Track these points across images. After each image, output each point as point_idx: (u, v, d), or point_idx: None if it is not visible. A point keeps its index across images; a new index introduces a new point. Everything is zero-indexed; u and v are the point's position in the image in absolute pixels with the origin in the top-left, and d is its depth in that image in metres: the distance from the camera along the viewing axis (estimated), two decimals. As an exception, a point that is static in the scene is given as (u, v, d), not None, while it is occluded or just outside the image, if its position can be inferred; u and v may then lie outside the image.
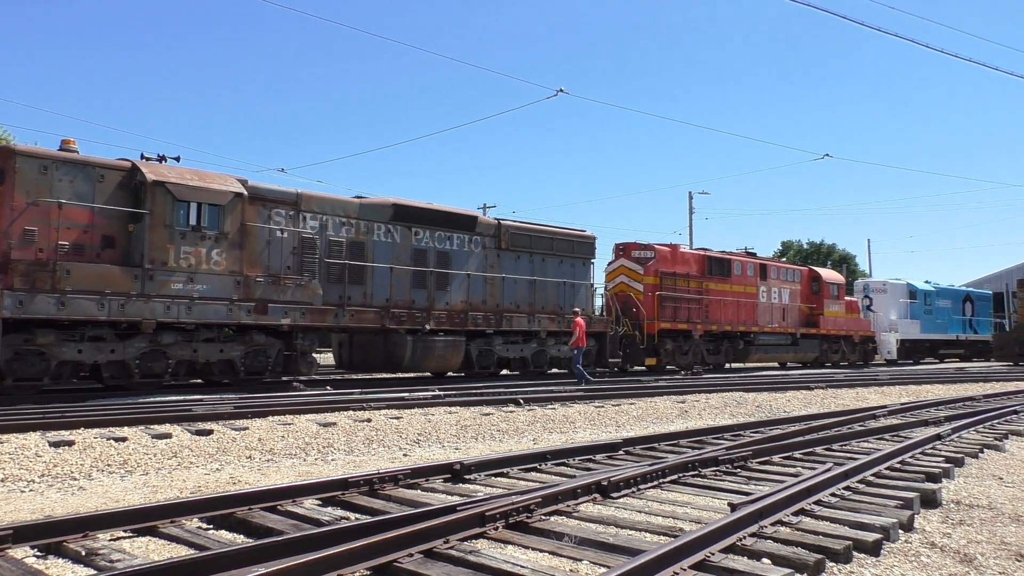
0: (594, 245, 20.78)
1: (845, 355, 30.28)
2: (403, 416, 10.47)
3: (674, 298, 22.80)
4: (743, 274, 25.81)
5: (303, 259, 14.77)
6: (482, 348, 17.81)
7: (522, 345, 18.70)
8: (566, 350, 18.70)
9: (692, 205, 44.56)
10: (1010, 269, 48.66)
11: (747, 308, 25.63)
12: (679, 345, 22.80)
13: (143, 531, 4.62)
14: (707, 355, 24.15)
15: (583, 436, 10.10)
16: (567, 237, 20.18)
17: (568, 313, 18.82)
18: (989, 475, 7.18)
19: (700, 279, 24.03)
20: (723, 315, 24.60)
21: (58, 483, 6.51)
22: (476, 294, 17.78)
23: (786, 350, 27.44)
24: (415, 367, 16.61)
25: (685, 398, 14.26)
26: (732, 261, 25.64)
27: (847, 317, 30.33)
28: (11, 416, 8.78)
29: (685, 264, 23.83)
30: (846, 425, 10.24)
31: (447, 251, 17.43)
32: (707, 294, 24.11)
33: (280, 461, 7.82)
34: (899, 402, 14.19)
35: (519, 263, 18.86)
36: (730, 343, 25.11)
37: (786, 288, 27.76)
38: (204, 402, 10.97)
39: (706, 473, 6.61)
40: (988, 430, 10.06)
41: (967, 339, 38.67)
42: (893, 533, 4.71)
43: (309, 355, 14.92)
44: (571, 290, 19.82)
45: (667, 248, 23.67)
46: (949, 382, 21.07)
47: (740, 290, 25.57)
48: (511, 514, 4.71)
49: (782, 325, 27.14)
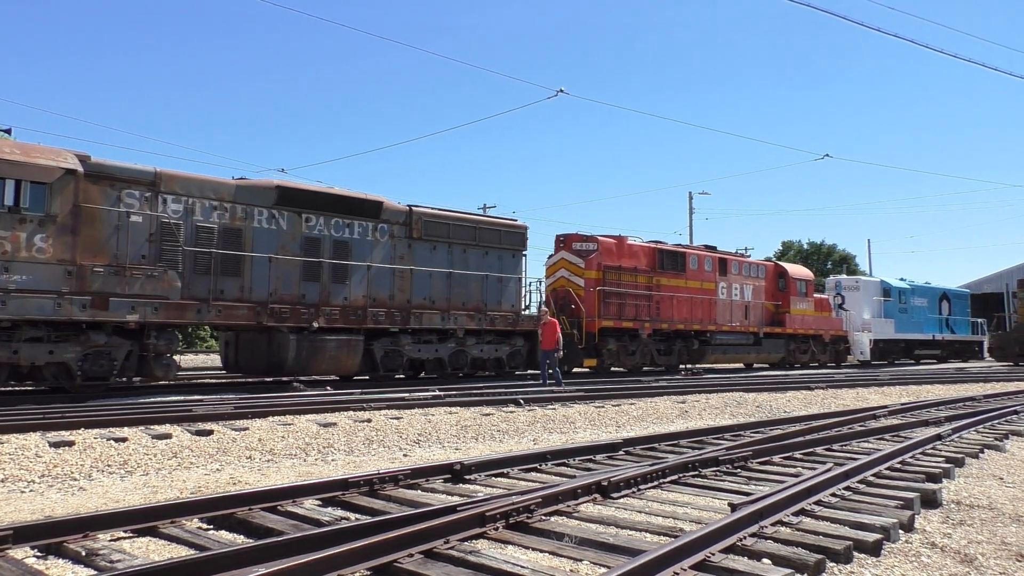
0: (525, 235, 19.05)
1: (815, 355, 28.73)
2: (403, 416, 10.47)
3: (619, 294, 21.14)
4: (700, 269, 24.08)
5: (162, 247, 12.88)
6: (388, 348, 16.08)
7: (437, 345, 16.90)
8: (487, 349, 17.65)
9: (692, 205, 44.64)
10: (1010, 269, 48.65)
11: (704, 305, 23.98)
12: (624, 345, 21.11)
13: (143, 531, 4.62)
14: (657, 356, 22.42)
15: (583, 436, 10.10)
16: (493, 226, 18.39)
17: (491, 310, 17.56)
18: (989, 475, 7.18)
19: (650, 274, 22.35)
20: (676, 313, 22.93)
21: (58, 483, 6.51)
22: (381, 288, 16.03)
23: (748, 350, 25.79)
24: (301, 370, 14.82)
25: (685, 398, 14.26)
26: (687, 255, 23.92)
27: (816, 315, 28.72)
28: (11, 416, 8.78)
29: (633, 258, 22.09)
30: (846, 425, 10.24)
31: (346, 240, 15.59)
32: (658, 290, 22.47)
33: (280, 461, 7.82)
34: (899, 402, 14.19)
35: (435, 254, 17.06)
36: (684, 343, 23.33)
37: (749, 284, 26.02)
38: (204, 402, 10.97)
39: (706, 473, 6.61)
40: (988, 430, 10.06)
41: (944, 339, 36.95)
42: (893, 533, 4.71)
43: (166, 356, 12.94)
44: (498, 285, 18.05)
45: (612, 240, 21.84)
46: (949, 382, 21.07)
47: (696, 286, 23.85)
48: (511, 514, 4.71)
49: (744, 324, 25.41)
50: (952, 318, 37.71)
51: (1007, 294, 46.11)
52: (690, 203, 44.60)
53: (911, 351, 35.07)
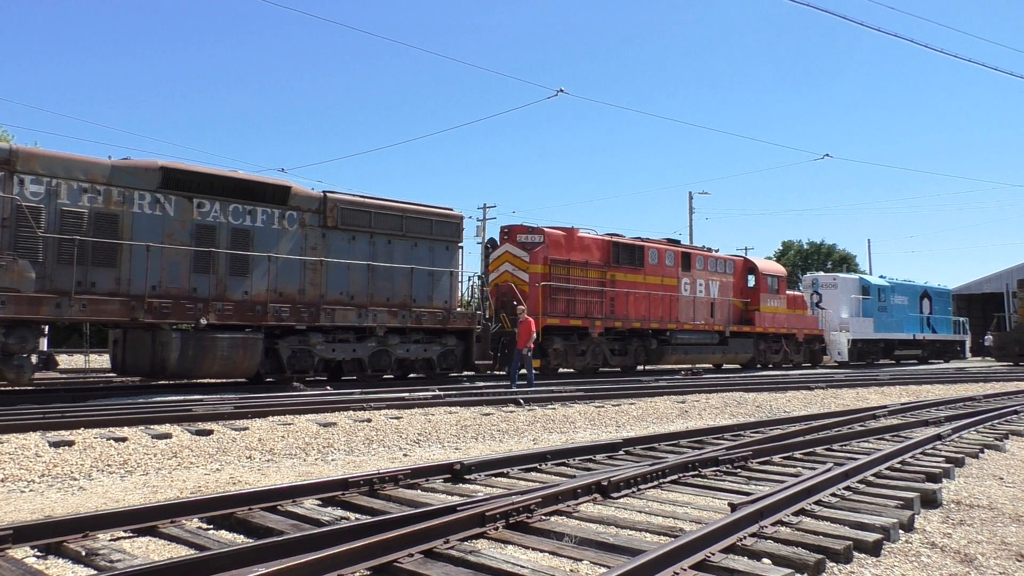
0: (461, 226, 17.63)
1: (788, 356, 27.29)
2: (403, 416, 10.47)
3: (567, 289, 19.78)
4: (660, 263, 22.73)
5: (17, 234, 11.50)
6: (296, 348, 14.64)
7: (355, 344, 15.47)
8: (415, 349, 16.31)
9: (692, 205, 44.63)
10: (1010, 269, 48.60)
11: (665, 302, 22.62)
12: (573, 345, 19.81)
13: (143, 531, 4.62)
14: (611, 356, 21.08)
15: (583, 436, 10.10)
16: (423, 215, 16.80)
17: (420, 307, 16.24)
18: (989, 475, 7.18)
19: (603, 268, 20.92)
20: (633, 310, 21.54)
21: (58, 483, 6.51)
22: (289, 282, 14.63)
23: (712, 350, 24.26)
24: (188, 371, 13.21)
25: (685, 398, 14.26)
26: (646, 248, 22.52)
27: (789, 313, 27.26)
28: (11, 416, 8.78)
29: (584, 251, 20.70)
30: (846, 425, 10.24)
31: (247, 228, 14.13)
32: (612, 286, 21.02)
33: (280, 461, 7.82)
34: (899, 402, 14.19)
35: (354, 245, 15.60)
36: (641, 342, 21.98)
37: (715, 280, 24.68)
38: (204, 402, 10.97)
39: (706, 473, 6.61)
40: (988, 430, 10.06)
41: (925, 339, 35.66)
42: (893, 533, 4.70)
43: (18, 356, 11.54)
44: (428, 279, 16.65)
45: (561, 232, 20.50)
46: (949, 382, 21.08)
47: (656, 282, 22.49)
48: (511, 514, 4.71)
49: (709, 322, 24.06)
50: (934, 317, 36.73)
51: (1007, 294, 46.07)
52: (690, 203, 44.63)
53: (891, 351, 33.88)
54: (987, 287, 50.67)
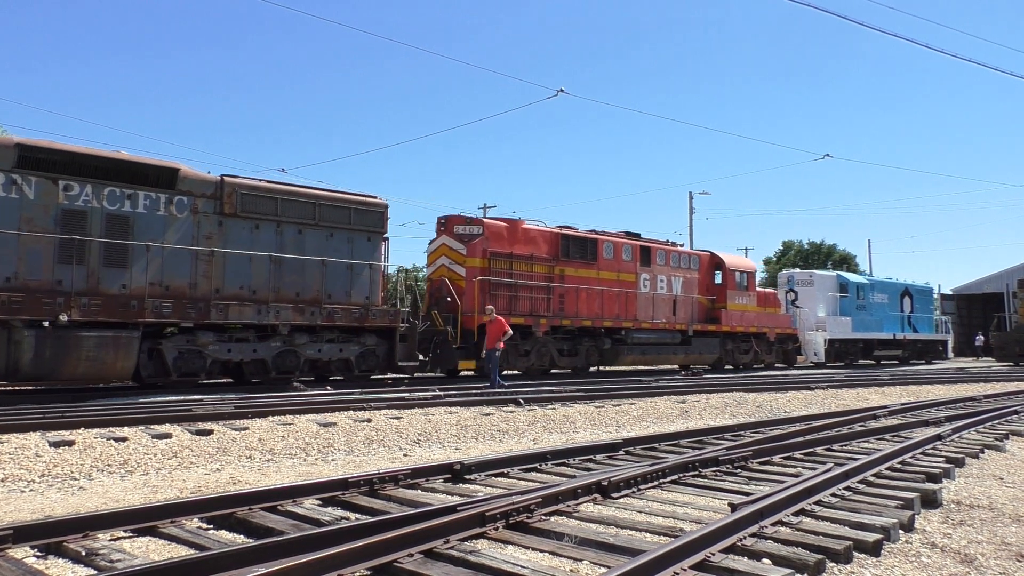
0: (384, 215, 16.20)
1: (758, 356, 25.92)
2: (403, 416, 10.47)
3: (509, 285, 18.41)
4: (616, 258, 21.39)
5: None
6: (184, 348, 13.20)
7: (256, 344, 14.08)
8: (328, 349, 15.01)
9: (692, 205, 44.60)
10: (1010, 269, 48.58)
11: (621, 299, 21.28)
12: (515, 345, 18.30)
13: (143, 531, 4.62)
14: (558, 357, 19.73)
15: (583, 436, 10.10)
16: (340, 203, 15.47)
17: (334, 303, 15.02)
18: (990, 475, 7.17)
19: (551, 263, 19.63)
20: (585, 307, 20.25)
21: (58, 483, 6.51)
22: (178, 274, 13.27)
23: (674, 350, 22.81)
24: (46, 373, 11.81)
25: (685, 398, 14.27)
26: (600, 242, 21.07)
27: (759, 311, 25.71)
28: (11, 416, 8.78)
29: (529, 244, 19.36)
30: (846, 425, 10.24)
31: (126, 215, 12.77)
32: (561, 281, 19.74)
33: (280, 461, 7.82)
34: (899, 402, 14.19)
35: (257, 235, 14.29)
36: (593, 342, 20.62)
37: (678, 276, 23.30)
38: (204, 402, 10.98)
39: (706, 473, 6.61)
40: (989, 430, 10.06)
41: (906, 339, 34.31)
42: (893, 533, 4.70)
43: None
44: (346, 273, 15.35)
45: (502, 223, 19.16)
46: (949, 382, 21.09)
47: (612, 277, 21.15)
48: (511, 514, 4.71)
49: (671, 320, 22.76)
50: (915, 316, 35.48)
51: (1007, 294, 46.05)
52: (690, 203, 44.61)
53: (870, 351, 32.56)
54: (987, 287, 50.67)
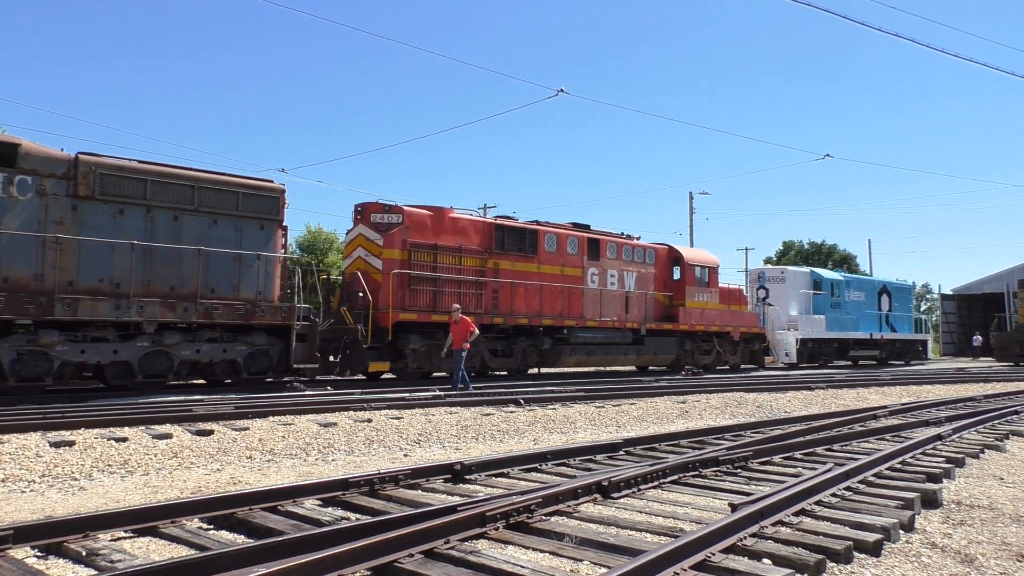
0: (281, 201, 14.46)
1: (720, 356, 24.28)
2: (403, 416, 10.47)
3: (432, 279, 16.86)
4: (560, 251, 19.81)
5: None
6: (24, 349, 11.62)
7: (117, 344, 12.42)
8: (208, 349, 13.32)
9: (692, 205, 44.57)
10: (1010, 269, 48.58)
11: (565, 295, 19.69)
12: (439, 344, 16.42)
13: (144, 531, 4.62)
14: (491, 357, 18.02)
15: (584, 436, 10.10)
16: (227, 187, 13.77)
17: (218, 298, 13.34)
18: (990, 475, 7.17)
19: (483, 255, 18.02)
20: (523, 304, 18.65)
21: (59, 483, 6.52)
22: (20, 264, 11.64)
23: (624, 351, 21.13)
24: None
25: (686, 398, 14.27)
26: (541, 233, 19.45)
27: (722, 309, 24.17)
28: (12, 416, 8.78)
29: (459, 235, 17.75)
30: (847, 425, 10.24)
31: None
32: (496, 275, 18.14)
33: (281, 461, 7.82)
34: (900, 402, 14.19)
35: (122, 221, 12.62)
36: (531, 341, 18.94)
37: (631, 271, 21.73)
38: (205, 402, 10.97)
39: (707, 473, 6.61)
40: (989, 430, 10.06)
41: (884, 338, 32.70)
42: (894, 533, 4.70)
43: None
44: (233, 264, 13.67)
45: (426, 212, 17.43)
46: (950, 382, 21.10)
47: (554, 271, 19.57)
48: (512, 514, 4.71)
49: (622, 318, 21.17)
50: (893, 314, 34.00)
51: (1007, 294, 46.04)
52: (690, 203, 44.58)
53: (846, 351, 31.11)
54: (988, 287, 50.66)
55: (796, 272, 30.15)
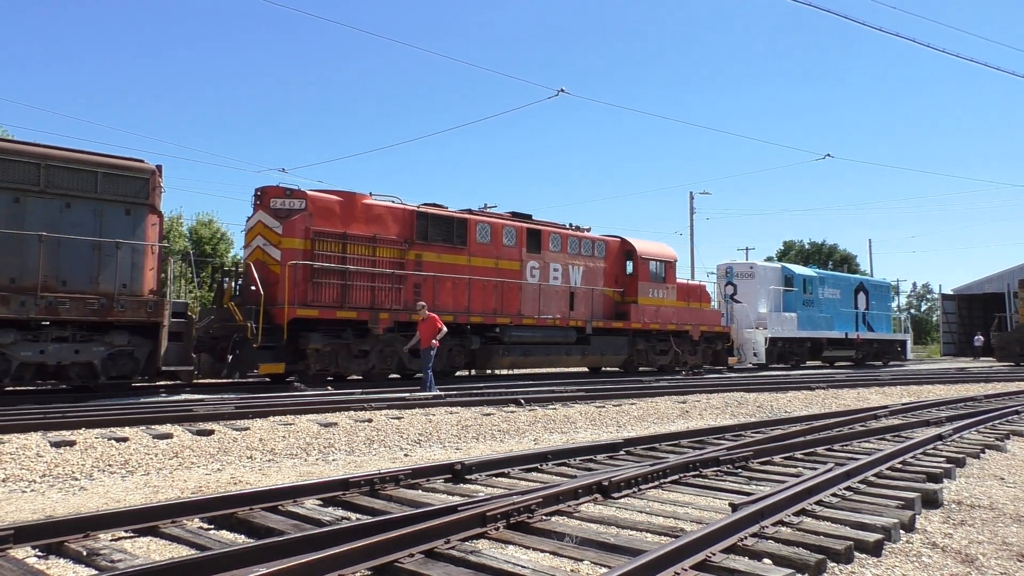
0: (151, 182, 12.79)
1: (679, 357, 22.62)
2: (404, 416, 10.47)
3: (341, 272, 15.29)
4: (494, 242, 18.17)
5: None
6: None
7: None
8: (55, 350, 11.71)
9: (693, 205, 44.55)
10: (1011, 269, 48.61)
11: (500, 291, 18.05)
12: (346, 344, 15.21)
13: (144, 531, 4.63)
14: (410, 358, 16.15)
15: (584, 436, 10.10)
16: (81, 165, 12.15)
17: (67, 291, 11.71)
18: (990, 475, 7.17)
19: (403, 246, 16.43)
20: (451, 299, 17.08)
21: (59, 483, 6.52)
22: None
23: (568, 351, 19.47)
24: None
25: (686, 398, 14.27)
26: (471, 223, 17.73)
27: (679, 307, 22.55)
28: (12, 416, 8.79)
29: (374, 223, 16.11)
30: (847, 425, 10.24)
31: None
32: (417, 268, 16.57)
33: (281, 461, 7.83)
34: (900, 402, 14.20)
35: None
36: (458, 341, 17.21)
37: (578, 265, 20.13)
38: (205, 402, 10.98)
39: (707, 473, 6.61)
40: (989, 430, 10.06)
41: (860, 338, 31.20)
42: (894, 533, 4.70)
43: None
44: (92, 254, 12.04)
45: (335, 197, 15.86)
46: (950, 382, 21.11)
47: (488, 265, 17.93)
48: (512, 514, 4.71)
49: (567, 316, 19.59)
50: (871, 313, 32.64)
51: (1008, 294, 46.08)
52: (691, 203, 44.54)
53: (819, 351, 29.68)
54: (988, 287, 50.71)
55: (766, 267, 28.65)
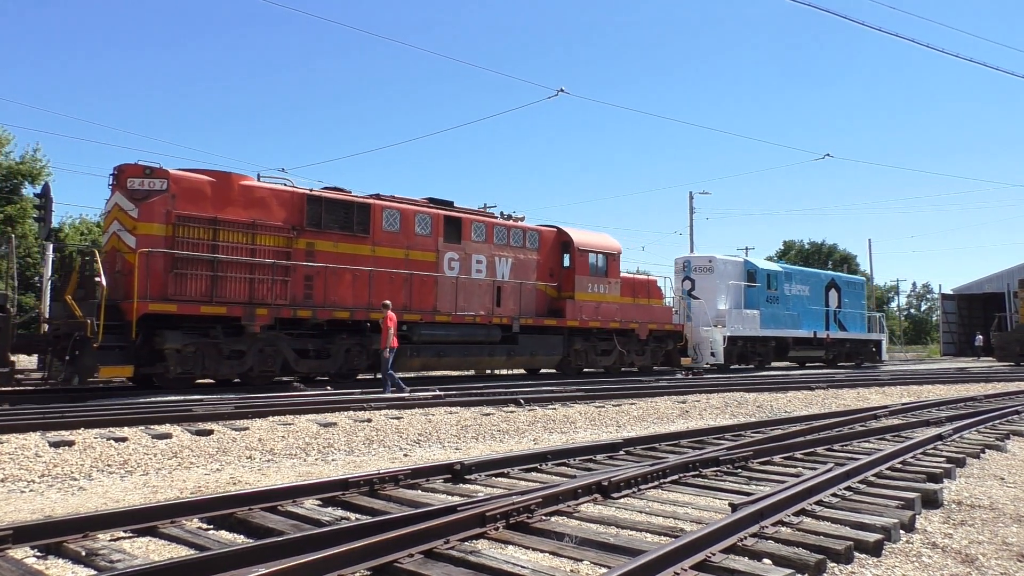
0: None
1: (624, 358, 20.92)
2: (403, 416, 10.47)
3: (209, 261, 13.47)
4: (405, 231, 16.43)
5: None
6: None
7: None
8: None
9: (692, 205, 44.53)
10: (1011, 269, 48.64)
11: (413, 285, 16.35)
12: (216, 345, 13.43)
13: (143, 531, 4.62)
14: (298, 359, 14.58)
15: (584, 436, 10.09)
16: None
17: None
18: (991, 475, 7.17)
19: (291, 234, 14.64)
20: (351, 294, 15.38)
21: (58, 483, 6.51)
22: None
23: (491, 350, 17.66)
24: None
25: (686, 398, 14.26)
26: (375, 209, 15.96)
27: (625, 303, 20.80)
28: (11, 416, 8.78)
29: (254, 207, 14.29)
30: (847, 425, 10.23)
31: None
32: (309, 258, 14.88)
33: (280, 461, 7.82)
34: (900, 402, 14.19)
35: None
36: (356, 339, 15.45)
37: (506, 257, 18.37)
38: (204, 402, 10.97)
39: (707, 473, 6.60)
40: (989, 430, 10.05)
41: (830, 337, 29.21)
42: (894, 533, 4.70)
43: None
44: None
45: (205, 178, 13.93)
46: (951, 382, 21.11)
47: (397, 256, 16.20)
48: (512, 514, 4.70)
49: (492, 312, 17.80)
50: (843, 312, 30.75)
51: (1008, 294, 46.11)
52: (690, 203, 44.51)
53: (784, 351, 27.69)
54: (988, 287, 50.74)
55: (727, 261, 26.53)
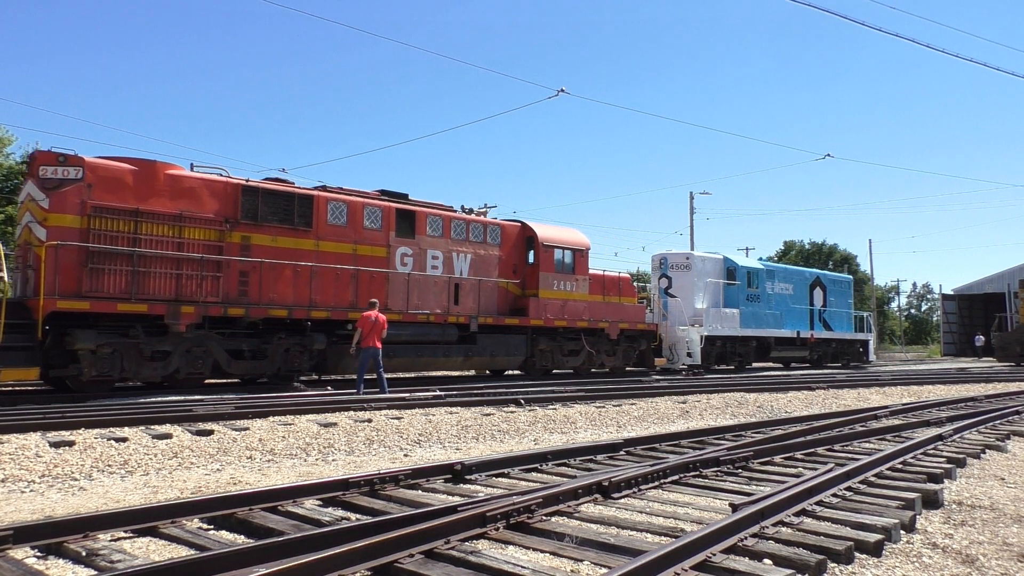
0: None
1: (593, 358, 20.11)
2: (404, 416, 10.46)
3: (128, 256, 12.65)
4: (353, 224, 15.61)
5: None
6: None
7: None
8: None
9: (693, 205, 44.53)
10: (1011, 269, 48.64)
11: (360, 282, 15.56)
12: (136, 346, 12.60)
13: (144, 531, 4.62)
14: (230, 360, 13.76)
15: (584, 436, 10.09)
16: None
17: None
18: (991, 476, 7.16)
19: (223, 226, 13.82)
20: (291, 291, 14.57)
21: (58, 483, 6.51)
22: None
23: (446, 351, 16.83)
24: None
25: (687, 398, 14.26)
26: (318, 201, 15.12)
27: (594, 301, 20.04)
28: (11, 416, 8.78)
29: (182, 198, 13.45)
30: (848, 425, 10.23)
31: None
32: (244, 253, 14.06)
33: (281, 461, 7.82)
34: (901, 402, 14.18)
35: None
36: (297, 340, 14.57)
37: (465, 252, 17.60)
38: (205, 402, 10.97)
39: (707, 473, 6.60)
40: (990, 430, 10.05)
41: (814, 337, 28.46)
42: (895, 534, 4.70)
43: None
44: None
45: (127, 166, 13.08)
46: (951, 383, 21.10)
47: (343, 251, 15.42)
48: (512, 514, 4.70)
49: (449, 310, 17.01)
50: (829, 311, 30.10)
51: (1008, 294, 46.12)
52: (691, 203, 44.53)
53: (766, 351, 26.97)
54: (988, 287, 50.75)
55: (705, 259, 25.67)
